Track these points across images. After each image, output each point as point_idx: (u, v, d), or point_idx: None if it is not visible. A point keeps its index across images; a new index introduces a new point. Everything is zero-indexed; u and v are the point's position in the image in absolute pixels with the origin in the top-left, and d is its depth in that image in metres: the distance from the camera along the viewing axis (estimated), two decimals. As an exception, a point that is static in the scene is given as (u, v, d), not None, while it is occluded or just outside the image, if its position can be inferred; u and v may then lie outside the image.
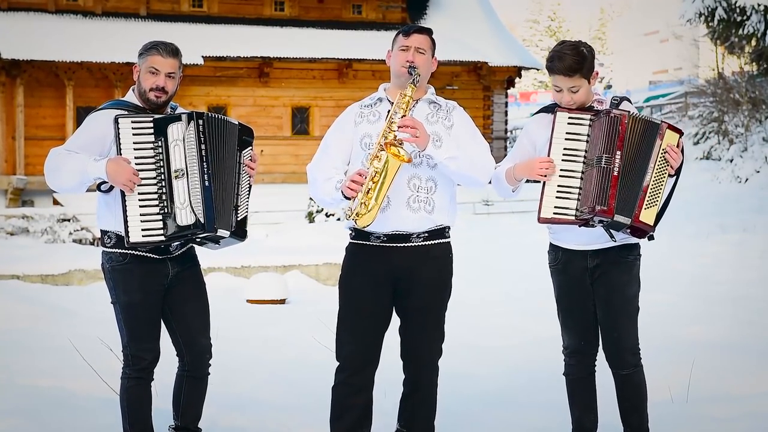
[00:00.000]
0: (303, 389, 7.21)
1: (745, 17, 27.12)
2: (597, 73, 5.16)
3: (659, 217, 5.07)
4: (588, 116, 5.07)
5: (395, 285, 5.16)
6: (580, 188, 5.04)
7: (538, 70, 38.84)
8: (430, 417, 5.34)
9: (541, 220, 5.12)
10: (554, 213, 5.08)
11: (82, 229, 24.18)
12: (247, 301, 13.02)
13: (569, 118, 5.08)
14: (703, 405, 6.72)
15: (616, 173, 4.96)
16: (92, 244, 23.40)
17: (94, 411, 6.45)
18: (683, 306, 11.33)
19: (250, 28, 31.84)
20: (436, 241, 5.18)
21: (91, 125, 5.15)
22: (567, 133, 5.08)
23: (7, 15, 29.70)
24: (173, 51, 5.17)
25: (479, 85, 35.10)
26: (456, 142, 5.11)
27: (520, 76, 36.35)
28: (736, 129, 28.70)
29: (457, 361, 8.21)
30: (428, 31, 5.19)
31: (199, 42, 30.33)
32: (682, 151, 5.07)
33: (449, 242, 5.26)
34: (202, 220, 4.97)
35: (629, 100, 5.29)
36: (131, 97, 5.22)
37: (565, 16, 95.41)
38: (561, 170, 5.07)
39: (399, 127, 4.94)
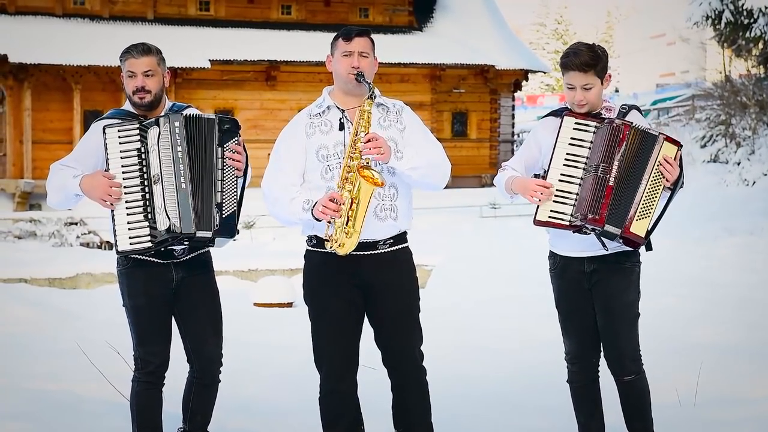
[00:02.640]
0: (310, 392, 7.19)
1: (752, 20, 27.10)
2: (610, 76, 5.16)
3: (651, 229, 5.06)
4: (594, 123, 5.07)
5: (365, 292, 5.14)
6: (577, 194, 5.04)
7: (545, 73, 38.86)
8: (427, 416, 5.31)
9: (537, 223, 5.14)
10: (549, 216, 5.09)
11: (89, 232, 24.23)
12: (254, 304, 13.03)
13: (576, 123, 5.09)
14: (711, 408, 6.71)
15: (611, 183, 4.97)
16: (99, 247, 23.46)
17: (102, 415, 6.45)
18: (690, 309, 11.31)
19: (257, 32, 31.89)
20: (401, 246, 5.20)
21: (88, 137, 5.20)
22: (572, 138, 5.09)
23: (15, 19, 29.76)
24: (145, 50, 5.14)
25: (486, 89, 35.11)
26: (414, 148, 5.10)
27: (527, 79, 36.37)
28: (743, 132, 28.65)
29: (461, 364, 8.21)
30: (368, 33, 5.16)
31: (206, 45, 30.40)
32: (681, 165, 5.05)
33: (409, 246, 5.27)
34: (177, 224, 4.94)
35: (639, 110, 5.28)
36: (128, 104, 5.22)
37: (571, 19, 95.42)
38: (561, 174, 5.08)
39: (364, 147, 4.90)
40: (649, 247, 5.17)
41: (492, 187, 30.06)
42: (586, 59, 5.04)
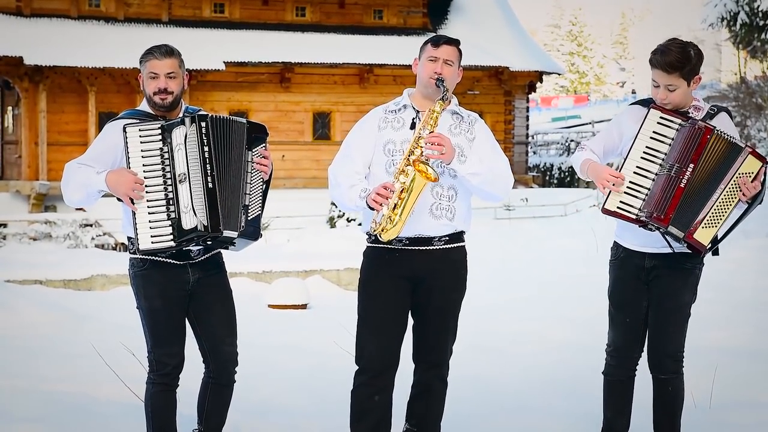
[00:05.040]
0: (324, 394, 7.21)
1: (767, 21, 27.01)
2: (699, 78, 5.08)
3: (718, 239, 5.03)
4: (678, 121, 5.00)
5: (415, 287, 5.23)
6: (649, 189, 5.01)
7: (559, 75, 38.80)
8: (439, 416, 5.42)
9: (604, 211, 5.11)
10: (618, 207, 5.05)
11: (104, 234, 24.30)
12: (269, 306, 13.04)
13: (660, 118, 5.03)
14: (726, 411, 6.69)
15: (682, 185, 4.93)
16: (114, 249, 23.53)
17: (117, 417, 6.46)
18: (706, 312, 11.26)
19: (272, 34, 31.93)
20: (456, 245, 5.29)
21: (103, 136, 5.20)
22: (654, 132, 5.03)
23: (30, 21, 29.87)
24: (169, 51, 5.16)
25: (500, 90, 35.09)
26: (478, 156, 5.17)
27: (541, 81, 36.33)
28: (758, 134, 28.59)
29: (474, 365, 8.21)
30: (457, 42, 5.25)
31: (220, 47, 30.45)
32: (764, 182, 4.99)
33: (465, 245, 5.37)
34: (205, 222, 4.96)
35: (728, 112, 5.21)
36: (145, 105, 5.23)
37: (586, 21, 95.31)
38: (637, 167, 5.04)
39: (426, 142, 4.99)
40: (716, 252, 5.13)
41: (506, 189, 30.01)
42: (672, 60, 4.94)
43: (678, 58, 4.94)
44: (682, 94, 5.02)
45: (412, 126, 5.18)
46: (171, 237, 4.98)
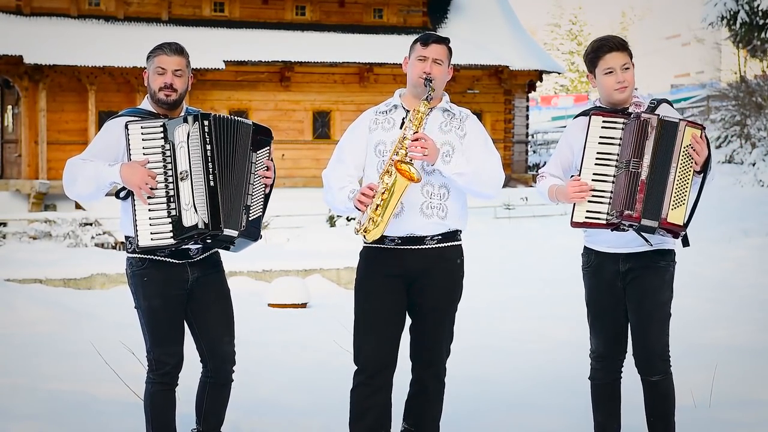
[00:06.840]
0: (324, 393, 7.22)
1: (767, 20, 27.01)
2: (633, 66, 5.17)
3: (690, 215, 5.05)
4: (621, 120, 5.07)
5: (409, 286, 5.23)
6: (611, 192, 5.04)
7: (559, 74, 38.79)
8: (437, 416, 5.41)
9: (574, 225, 5.12)
10: (586, 217, 5.08)
11: (104, 233, 24.28)
12: (269, 305, 13.03)
13: (603, 122, 5.09)
14: (726, 409, 6.69)
15: (644, 177, 4.97)
16: (114, 248, 23.50)
17: (117, 415, 6.46)
18: (706, 310, 11.28)
19: (272, 33, 31.91)
20: (449, 244, 5.27)
21: (105, 133, 5.21)
22: (600, 137, 5.09)
23: (30, 20, 29.86)
24: (178, 49, 5.19)
25: (500, 89, 35.07)
26: (467, 153, 5.17)
27: (541, 80, 36.31)
28: (758, 132, 28.60)
29: (474, 364, 8.21)
30: (446, 41, 5.25)
31: (220, 46, 30.43)
32: (709, 146, 5.05)
33: (461, 245, 5.35)
34: (206, 220, 4.97)
35: (669, 103, 5.29)
36: (146, 104, 5.24)
37: (586, 19, 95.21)
38: (594, 174, 5.08)
39: (411, 142, 5.00)
40: (686, 243, 5.15)
41: (507, 188, 30.05)
42: (618, 40, 5.12)
43: (620, 39, 5.15)
44: (633, 75, 5.13)
45: (402, 126, 5.18)
46: (171, 234, 4.99)
